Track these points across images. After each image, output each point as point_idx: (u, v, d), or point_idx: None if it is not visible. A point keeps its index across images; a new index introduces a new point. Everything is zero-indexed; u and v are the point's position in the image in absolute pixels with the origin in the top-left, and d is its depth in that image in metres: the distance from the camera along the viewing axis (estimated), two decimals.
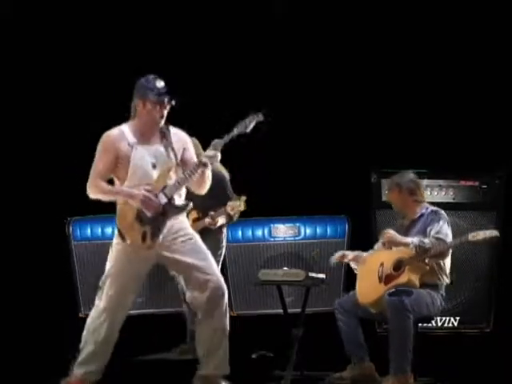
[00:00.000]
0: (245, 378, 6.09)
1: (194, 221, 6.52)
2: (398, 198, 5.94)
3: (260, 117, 5.28)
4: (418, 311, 5.61)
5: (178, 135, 5.31)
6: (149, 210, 5.10)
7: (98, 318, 5.19)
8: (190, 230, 5.32)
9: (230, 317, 7.15)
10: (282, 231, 7.45)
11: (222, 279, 5.32)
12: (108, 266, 5.23)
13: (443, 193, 7.02)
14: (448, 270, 5.79)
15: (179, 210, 5.21)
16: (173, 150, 5.19)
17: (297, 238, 7.43)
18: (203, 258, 5.25)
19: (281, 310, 6.25)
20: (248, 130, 5.25)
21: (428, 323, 6.40)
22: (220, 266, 6.58)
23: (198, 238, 5.32)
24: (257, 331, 7.10)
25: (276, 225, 7.45)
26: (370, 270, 5.84)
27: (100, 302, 5.19)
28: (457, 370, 6.00)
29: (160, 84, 5.19)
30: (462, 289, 6.88)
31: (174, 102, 5.20)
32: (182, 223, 5.27)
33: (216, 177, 6.46)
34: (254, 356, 6.62)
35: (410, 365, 5.52)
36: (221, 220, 6.56)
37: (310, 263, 7.34)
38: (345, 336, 5.83)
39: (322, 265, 7.20)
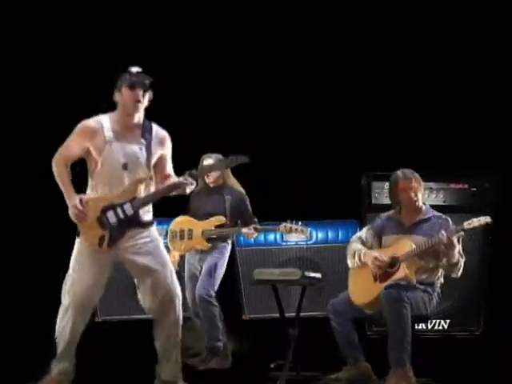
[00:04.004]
0: (243, 378, 6.16)
1: (218, 225, 6.61)
2: (421, 192, 5.85)
3: (244, 159, 5.17)
4: (415, 306, 5.56)
5: (159, 137, 5.14)
6: (76, 219, 4.99)
7: (64, 317, 5.09)
8: (154, 233, 5.20)
9: (243, 320, 7.36)
10: (294, 235, 7.45)
11: (174, 286, 5.14)
12: (71, 263, 5.14)
13: (434, 195, 7.04)
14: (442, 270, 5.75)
15: (144, 225, 5.11)
16: (150, 153, 5.04)
17: (308, 243, 7.44)
18: (159, 263, 5.11)
19: (292, 314, 6.22)
20: (228, 167, 5.27)
21: (425, 323, 6.35)
22: (220, 279, 6.63)
23: (160, 242, 5.22)
24: (268, 335, 7.10)
25: None
26: (364, 270, 5.78)
27: (64, 300, 5.10)
28: (448, 372, 5.94)
29: (134, 68, 5.02)
30: (453, 292, 6.84)
31: (148, 83, 5.02)
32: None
33: (240, 195, 6.66)
34: (272, 365, 6.58)
35: (409, 357, 5.46)
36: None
37: (322, 267, 7.35)
38: (339, 337, 5.78)
39: (334, 269, 7.25)
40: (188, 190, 5.15)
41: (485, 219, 5.52)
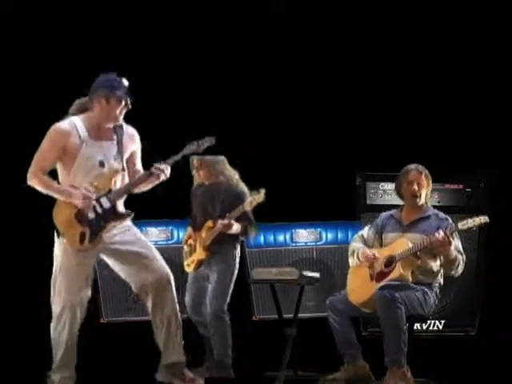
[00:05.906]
0: (241, 378, 6.13)
1: (209, 229, 6.49)
2: (426, 190, 5.81)
3: (212, 141, 5.27)
4: (410, 306, 5.49)
5: (129, 134, 5.25)
6: (84, 209, 5.03)
7: (59, 323, 5.10)
8: (128, 223, 5.25)
9: (252, 321, 7.33)
10: (304, 236, 7.40)
11: (165, 264, 5.26)
12: (54, 265, 5.15)
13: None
14: (441, 271, 5.68)
15: (121, 217, 5.16)
16: (122, 149, 5.12)
17: (318, 243, 7.38)
18: (142, 247, 5.20)
19: (302, 315, 6.20)
20: (200, 151, 5.28)
21: (423, 323, 6.30)
22: (231, 290, 6.45)
23: (135, 228, 5.28)
24: (278, 335, 7.06)
25: (297, 230, 7.40)
26: (362, 269, 5.74)
27: (56, 306, 5.11)
28: (443, 372, 5.86)
29: (126, 82, 5.13)
30: (448, 292, 6.79)
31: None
32: None
33: (236, 193, 6.49)
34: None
35: (405, 358, 5.41)
36: (236, 226, 6.39)
37: (332, 268, 7.30)
38: (337, 335, 5.73)
39: (344, 269, 7.19)
40: (162, 178, 5.15)
41: (481, 219, 5.43)
